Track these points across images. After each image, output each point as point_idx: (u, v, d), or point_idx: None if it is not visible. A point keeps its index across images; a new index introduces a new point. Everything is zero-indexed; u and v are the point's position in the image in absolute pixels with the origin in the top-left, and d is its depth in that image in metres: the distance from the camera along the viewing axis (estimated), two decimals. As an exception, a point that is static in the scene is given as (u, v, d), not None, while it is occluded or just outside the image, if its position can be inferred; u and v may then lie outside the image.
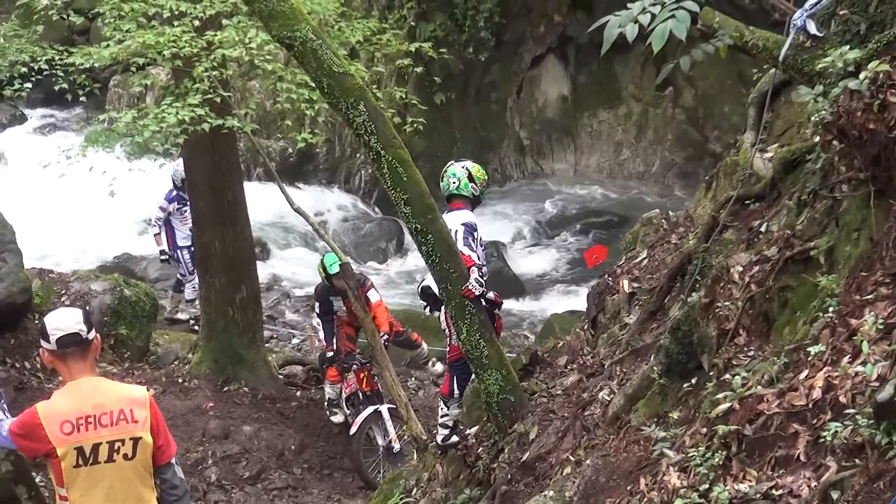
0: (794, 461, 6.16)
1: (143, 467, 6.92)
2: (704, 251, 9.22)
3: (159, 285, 22.16)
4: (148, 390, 7.39)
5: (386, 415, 15.70)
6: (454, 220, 10.48)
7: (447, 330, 10.93)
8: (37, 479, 7.86)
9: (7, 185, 25.67)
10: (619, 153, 29.25)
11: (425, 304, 11.24)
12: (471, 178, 10.96)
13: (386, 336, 15.63)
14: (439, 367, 18.14)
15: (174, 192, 19.77)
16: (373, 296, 16.03)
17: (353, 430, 15.72)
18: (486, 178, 11.27)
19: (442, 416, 11.50)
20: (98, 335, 7.10)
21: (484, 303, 10.37)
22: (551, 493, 8.67)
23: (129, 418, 6.86)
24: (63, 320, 6.96)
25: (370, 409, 15.75)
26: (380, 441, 15.83)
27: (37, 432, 6.75)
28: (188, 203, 18.67)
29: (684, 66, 7.62)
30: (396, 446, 15.63)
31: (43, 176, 21.69)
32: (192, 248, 19.03)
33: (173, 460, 7.10)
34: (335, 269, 15.32)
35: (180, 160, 18.38)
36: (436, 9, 27.46)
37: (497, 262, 23.85)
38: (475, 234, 10.58)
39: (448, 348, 11.17)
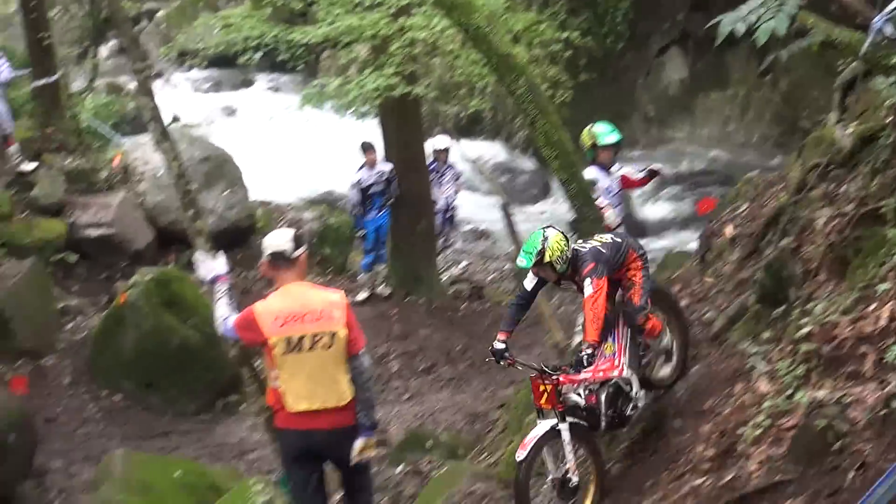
0: (861, 376, 6.16)
1: (338, 355, 7.07)
2: (794, 205, 9.14)
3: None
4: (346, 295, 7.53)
5: (566, 436, 8.26)
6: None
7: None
8: (256, 364, 8.08)
9: (238, 134, 26.04)
10: (727, 126, 28.70)
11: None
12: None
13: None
14: None
15: (432, 163, 18.45)
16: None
17: (520, 453, 8.17)
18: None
19: None
20: (306, 252, 7.31)
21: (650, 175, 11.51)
22: (662, 393, 8.76)
23: (328, 316, 7.05)
24: (274, 241, 7.22)
25: (546, 424, 8.26)
26: (552, 470, 8.42)
27: (253, 325, 7.04)
28: (444, 174, 18.63)
29: (783, 58, 7.59)
30: (574, 479, 8.29)
31: (267, 127, 22.07)
32: (446, 214, 18.88)
33: (362, 351, 7.22)
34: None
35: (438, 138, 18.65)
36: (582, 6, 27.47)
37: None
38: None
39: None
